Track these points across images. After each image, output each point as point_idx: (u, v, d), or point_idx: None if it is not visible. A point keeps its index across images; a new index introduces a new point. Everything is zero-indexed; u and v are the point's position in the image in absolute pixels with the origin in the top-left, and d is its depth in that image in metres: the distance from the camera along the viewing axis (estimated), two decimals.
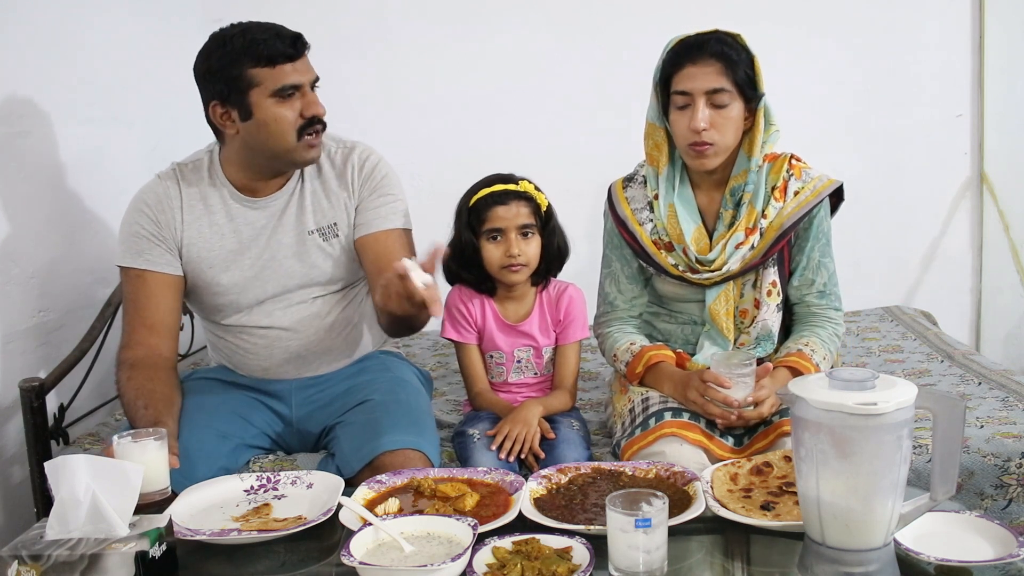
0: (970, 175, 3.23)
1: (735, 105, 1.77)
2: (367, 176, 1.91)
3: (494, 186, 1.91)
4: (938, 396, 1.22)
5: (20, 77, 2.11)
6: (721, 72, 1.74)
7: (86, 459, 1.30)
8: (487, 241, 1.92)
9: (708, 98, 1.75)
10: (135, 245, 1.85)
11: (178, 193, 1.88)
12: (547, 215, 1.95)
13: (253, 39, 1.73)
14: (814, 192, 1.85)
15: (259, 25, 1.77)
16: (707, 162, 1.80)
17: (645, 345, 1.91)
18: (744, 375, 1.70)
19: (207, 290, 1.90)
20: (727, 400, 1.70)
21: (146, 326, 1.83)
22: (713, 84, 1.74)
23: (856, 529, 1.19)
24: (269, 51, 1.73)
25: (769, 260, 1.86)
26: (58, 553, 1.22)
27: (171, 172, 1.91)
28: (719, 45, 1.76)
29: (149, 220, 1.86)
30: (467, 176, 2.00)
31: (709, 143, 1.77)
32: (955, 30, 3.15)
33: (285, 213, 1.89)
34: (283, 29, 1.77)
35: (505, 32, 3.16)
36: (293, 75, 1.75)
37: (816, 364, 1.79)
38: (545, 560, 1.25)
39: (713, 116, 1.76)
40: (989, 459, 1.79)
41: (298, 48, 1.76)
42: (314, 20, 3.07)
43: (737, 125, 1.79)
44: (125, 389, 1.76)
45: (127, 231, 1.87)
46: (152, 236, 1.85)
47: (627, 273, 1.98)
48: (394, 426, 1.75)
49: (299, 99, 1.76)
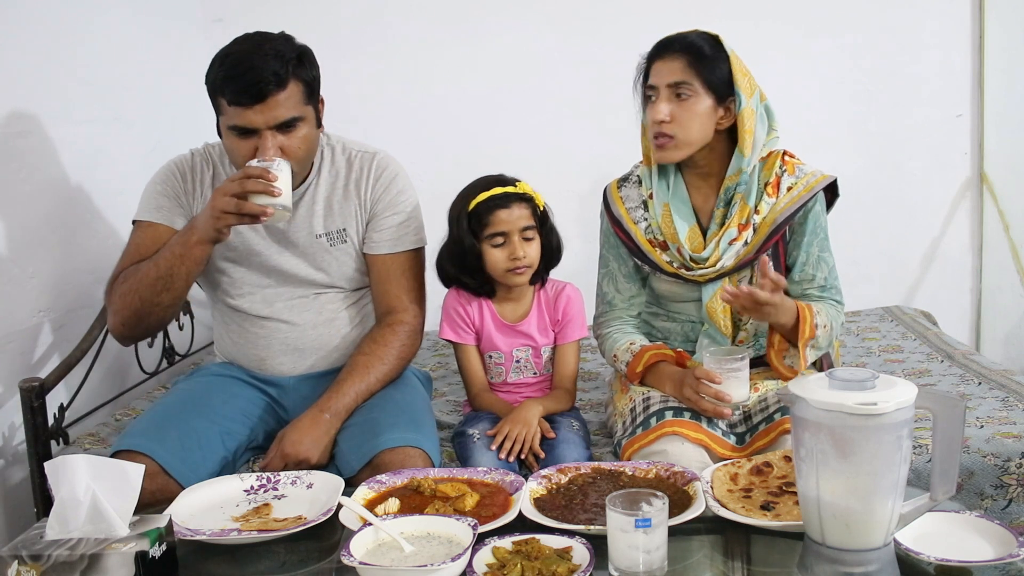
0: (970, 175, 3.23)
1: (700, 99, 1.78)
2: (383, 190, 1.92)
3: (493, 189, 1.90)
4: (938, 396, 1.22)
5: (20, 77, 2.11)
6: (686, 66, 1.78)
7: (86, 459, 1.30)
8: (490, 246, 1.91)
9: (671, 90, 1.78)
10: (155, 201, 1.88)
11: (209, 169, 1.91)
12: (543, 214, 1.96)
13: (226, 73, 1.71)
14: (807, 187, 1.85)
15: (241, 57, 1.71)
16: (668, 154, 1.82)
17: (645, 344, 1.91)
18: (735, 370, 1.71)
19: (213, 266, 1.92)
20: (719, 396, 1.70)
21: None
22: (675, 77, 1.78)
23: (856, 529, 1.19)
24: (231, 89, 1.70)
25: (764, 256, 1.87)
26: (58, 553, 1.22)
27: (202, 150, 1.94)
28: (687, 42, 1.80)
29: (176, 183, 1.89)
30: (467, 176, 2.00)
31: (669, 135, 1.79)
32: (955, 30, 3.15)
33: (296, 214, 1.89)
34: (257, 69, 1.68)
35: (505, 32, 3.16)
36: (249, 118, 1.70)
37: (815, 323, 1.76)
38: (545, 560, 1.25)
39: (675, 109, 1.78)
40: (989, 459, 1.79)
41: (261, 94, 1.69)
42: (314, 20, 3.10)
43: (703, 120, 1.80)
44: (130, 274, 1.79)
45: (150, 191, 1.90)
46: (174, 196, 1.88)
47: (624, 272, 1.98)
48: (394, 424, 1.75)
49: (257, 139, 1.73)
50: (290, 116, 1.73)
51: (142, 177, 1.96)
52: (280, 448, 1.72)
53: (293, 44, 1.78)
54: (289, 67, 1.72)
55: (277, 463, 1.71)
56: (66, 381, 2.12)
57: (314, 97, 1.81)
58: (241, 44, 1.75)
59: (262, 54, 1.70)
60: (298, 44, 1.79)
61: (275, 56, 1.70)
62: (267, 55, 1.70)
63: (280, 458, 1.71)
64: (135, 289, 1.77)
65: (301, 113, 1.76)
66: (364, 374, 1.84)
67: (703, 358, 1.77)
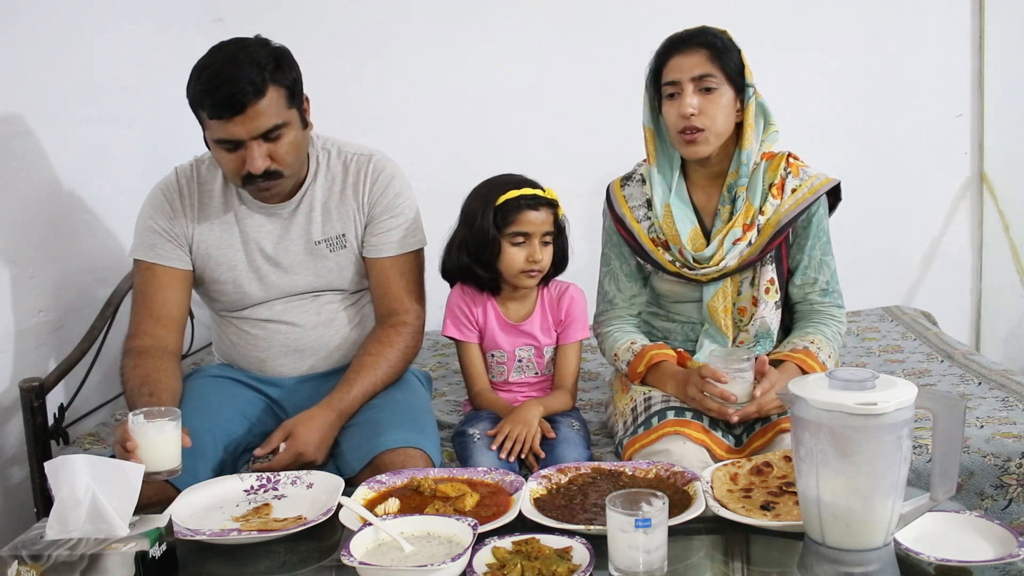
0: (970, 175, 3.23)
1: (724, 91, 1.78)
2: (380, 192, 1.91)
3: (524, 189, 1.89)
4: (938, 396, 1.22)
5: (20, 77, 2.11)
6: (708, 58, 1.77)
7: (86, 459, 1.30)
8: (510, 243, 1.91)
9: (696, 84, 1.77)
10: (147, 239, 1.87)
11: (196, 188, 1.89)
12: (560, 223, 1.96)
13: (204, 87, 1.68)
14: (811, 190, 1.85)
15: (217, 69, 1.68)
16: (699, 149, 1.81)
17: (646, 344, 1.91)
18: (741, 370, 1.70)
19: (211, 285, 1.92)
20: (724, 395, 1.70)
21: (153, 318, 1.85)
22: (701, 70, 1.77)
23: (856, 529, 1.19)
24: (210, 103, 1.68)
25: (767, 257, 1.87)
26: (58, 553, 1.22)
27: (188, 167, 1.92)
28: (705, 36, 1.79)
29: (163, 215, 1.87)
30: (466, 176, 1.99)
31: (700, 128, 1.78)
32: (955, 30, 3.15)
33: (293, 222, 1.90)
34: (234, 81, 1.65)
35: (504, 32, 3.16)
36: (231, 130, 1.68)
37: (822, 363, 1.79)
38: (545, 560, 1.25)
39: (702, 102, 1.77)
40: (989, 459, 1.79)
41: (240, 105, 1.66)
42: (314, 20, 3.09)
43: (728, 112, 1.80)
44: (130, 376, 1.76)
45: (141, 225, 1.89)
46: (164, 231, 1.86)
47: (626, 271, 1.98)
48: (394, 425, 1.75)
49: (243, 150, 1.72)
50: (272, 124, 1.71)
51: (142, 177, 1.96)
52: (293, 446, 1.69)
53: (269, 48, 1.74)
54: (266, 74, 1.69)
55: (285, 459, 1.69)
56: (66, 381, 2.12)
57: (296, 99, 1.78)
58: (216, 55, 1.72)
59: (237, 64, 1.67)
60: (274, 47, 1.75)
61: (251, 64, 1.67)
62: (242, 64, 1.66)
63: (291, 456, 1.69)
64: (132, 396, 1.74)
65: (284, 119, 1.73)
66: (371, 374, 1.84)
67: (708, 358, 1.77)
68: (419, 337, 1.95)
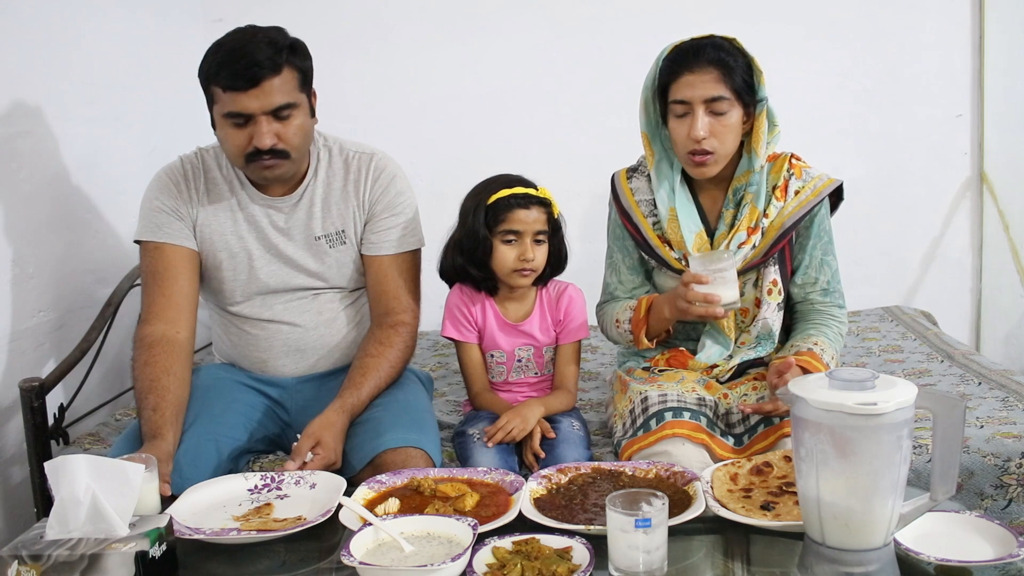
0: (970, 175, 3.23)
1: (734, 112, 1.76)
2: (381, 191, 1.92)
3: (515, 187, 1.90)
4: (938, 396, 1.22)
5: (20, 77, 2.11)
6: (719, 79, 1.73)
7: (86, 459, 1.30)
8: (501, 242, 1.91)
9: (707, 106, 1.74)
10: (154, 219, 1.87)
11: (201, 175, 1.90)
12: (556, 222, 1.96)
13: (221, 60, 1.72)
14: (814, 191, 1.85)
15: (235, 45, 1.72)
16: (707, 170, 1.80)
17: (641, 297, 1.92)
18: (722, 270, 1.70)
19: (213, 273, 1.91)
20: (709, 298, 1.69)
21: (165, 296, 1.84)
22: (712, 92, 1.73)
23: (856, 529, 1.19)
24: (226, 75, 1.71)
25: (770, 259, 1.86)
26: (58, 553, 1.22)
27: (193, 156, 1.93)
28: (716, 51, 1.74)
29: (169, 196, 1.87)
30: (466, 176, 2.00)
31: (709, 151, 1.77)
32: (955, 30, 3.15)
33: (294, 216, 1.90)
34: (251, 55, 1.70)
35: (505, 32, 3.16)
36: (244, 103, 1.71)
37: (826, 364, 1.79)
38: (545, 560, 1.25)
39: (712, 124, 1.75)
40: (989, 459, 1.79)
41: (255, 79, 1.70)
42: (314, 20, 3.10)
43: (736, 132, 1.79)
44: (140, 375, 1.76)
45: (147, 207, 1.89)
46: (171, 211, 1.87)
47: (628, 264, 1.98)
48: (395, 424, 1.75)
49: (252, 126, 1.74)
50: (285, 102, 1.74)
51: (142, 177, 1.96)
52: (326, 456, 1.65)
53: (286, 34, 1.79)
54: (283, 53, 1.73)
55: (319, 468, 1.63)
56: (66, 381, 2.12)
57: (307, 86, 1.82)
58: (234, 34, 1.76)
59: (256, 42, 1.72)
60: (291, 36, 1.80)
61: (269, 43, 1.72)
62: (261, 43, 1.72)
63: (323, 466, 1.64)
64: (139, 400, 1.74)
65: (295, 100, 1.76)
66: (376, 375, 1.84)
67: (690, 260, 1.77)
68: (415, 337, 1.96)
